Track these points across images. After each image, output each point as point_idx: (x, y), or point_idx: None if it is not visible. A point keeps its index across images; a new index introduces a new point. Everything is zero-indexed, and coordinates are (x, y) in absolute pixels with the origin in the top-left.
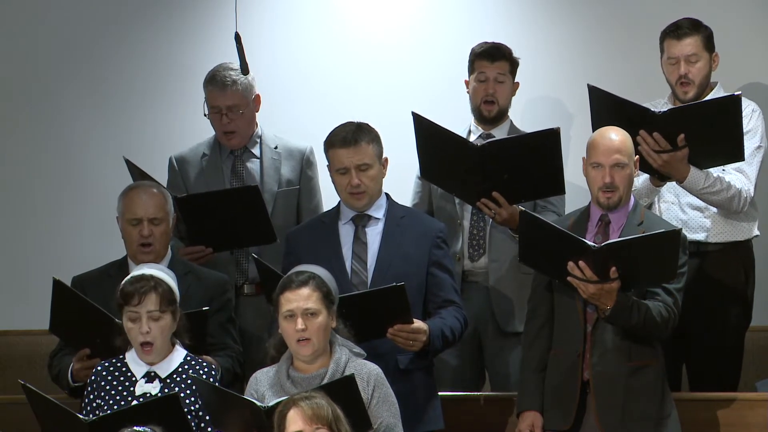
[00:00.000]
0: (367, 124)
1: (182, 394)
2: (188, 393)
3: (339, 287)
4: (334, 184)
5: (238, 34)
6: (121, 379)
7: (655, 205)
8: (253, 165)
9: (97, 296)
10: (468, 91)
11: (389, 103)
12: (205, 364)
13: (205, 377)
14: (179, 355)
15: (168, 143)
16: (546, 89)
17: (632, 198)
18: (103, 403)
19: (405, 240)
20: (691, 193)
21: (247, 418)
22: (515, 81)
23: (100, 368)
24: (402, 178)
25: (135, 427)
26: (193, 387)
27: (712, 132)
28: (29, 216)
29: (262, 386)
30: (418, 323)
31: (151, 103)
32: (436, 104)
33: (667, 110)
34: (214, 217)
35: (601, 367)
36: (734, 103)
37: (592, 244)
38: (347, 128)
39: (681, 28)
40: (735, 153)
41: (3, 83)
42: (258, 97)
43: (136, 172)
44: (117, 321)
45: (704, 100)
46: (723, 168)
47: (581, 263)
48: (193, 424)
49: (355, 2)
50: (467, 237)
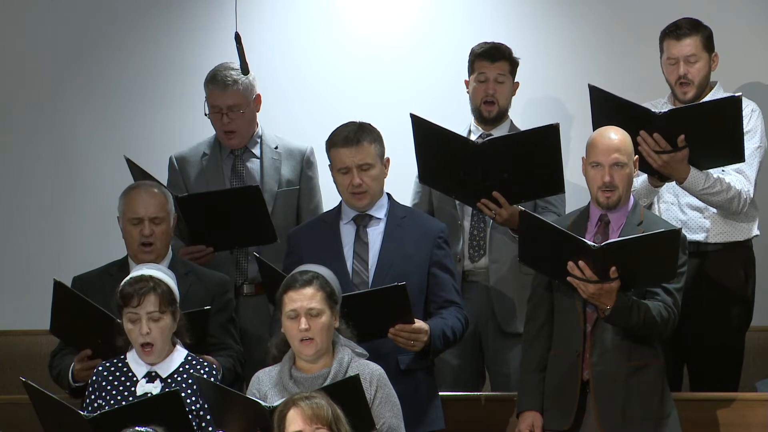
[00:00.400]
0: (369, 124)
1: (183, 394)
2: (189, 393)
3: (340, 287)
4: (335, 183)
5: (238, 34)
6: (122, 379)
7: (655, 205)
8: (254, 165)
9: (97, 296)
10: (468, 92)
11: (389, 103)
12: (206, 364)
13: (206, 377)
14: (180, 355)
15: (168, 143)
16: (546, 89)
17: (632, 198)
18: (104, 403)
19: (406, 240)
20: (690, 193)
21: (250, 417)
22: (515, 81)
23: (101, 368)
24: (402, 178)
25: (137, 428)
26: (195, 387)
27: (712, 133)
28: (29, 216)
29: (265, 386)
30: (419, 323)
31: (152, 103)
32: (436, 104)
33: (667, 111)
34: (215, 217)
35: (601, 367)
36: (735, 104)
37: (593, 244)
38: (349, 128)
39: (680, 29)
40: (735, 154)
41: (3, 83)
42: (259, 97)
43: (138, 172)
44: (118, 321)
45: (705, 101)
46: (722, 169)
47: (581, 263)
48: (194, 423)
49: (355, 2)
50: (467, 237)
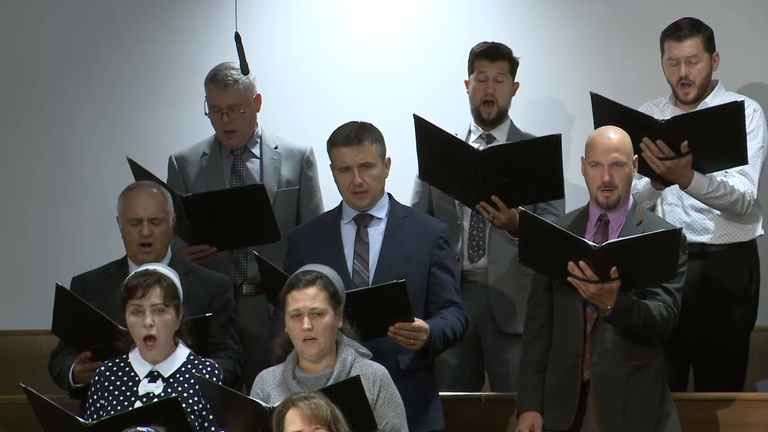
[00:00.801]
0: (371, 124)
1: (185, 394)
2: (191, 393)
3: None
4: (336, 183)
5: (238, 34)
6: (125, 378)
7: (658, 207)
8: (253, 165)
9: (97, 296)
10: (468, 91)
11: (389, 103)
12: (208, 364)
13: (208, 377)
14: (182, 354)
15: (168, 143)
16: (546, 89)
17: (631, 198)
18: (106, 404)
19: (407, 240)
20: (694, 198)
21: (252, 418)
22: (515, 81)
23: (103, 368)
24: (402, 178)
25: (139, 428)
26: (197, 387)
27: (715, 138)
28: (29, 216)
29: (268, 386)
30: (418, 322)
31: (151, 103)
32: (436, 104)
33: (670, 118)
34: (219, 216)
35: (601, 367)
36: (737, 108)
37: (593, 244)
38: (350, 127)
39: (681, 30)
40: (738, 157)
41: (3, 83)
42: (259, 96)
43: (140, 172)
44: (119, 327)
45: (707, 108)
46: (725, 171)
47: (581, 263)
48: (196, 424)
49: (355, 2)
50: (467, 237)
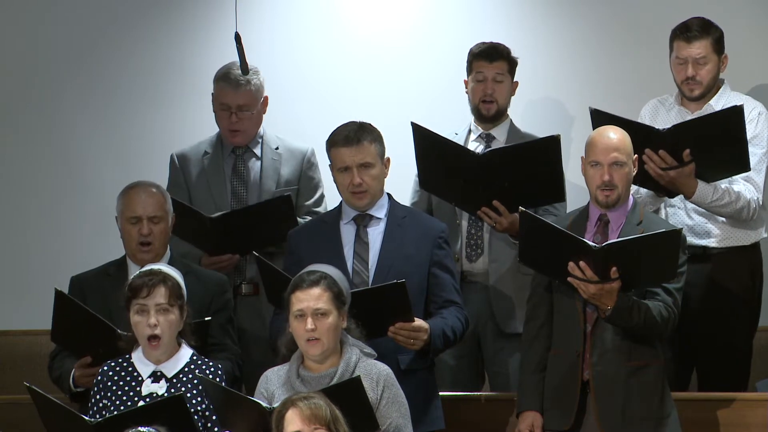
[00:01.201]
0: (370, 124)
1: (188, 395)
2: (194, 393)
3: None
4: (335, 183)
5: (238, 34)
6: (128, 378)
7: (662, 210)
8: (254, 165)
9: (95, 296)
10: (467, 91)
11: (389, 103)
12: (211, 364)
13: (210, 378)
14: (186, 354)
15: (168, 143)
16: (546, 89)
17: (631, 197)
18: (109, 404)
19: (406, 240)
20: (700, 207)
21: (254, 418)
22: (514, 80)
23: (106, 368)
24: (402, 178)
25: (139, 428)
26: (200, 387)
27: (716, 145)
28: (29, 216)
29: (273, 385)
30: (418, 321)
31: (151, 103)
32: (436, 104)
33: (671, 127)
34: (246, 228)
35: (601, 367)
36: (737, 113)
37: (593, 245)
38: (350, 127)
39: (691, 30)
40: (741, 164)
41: (3, 83)
42: (266, 99)
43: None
44: (119, 331)
45: (707, 114)
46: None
47: (582, 263)
48: (200, 424)
49: (355, 2)
50: (465, 237)
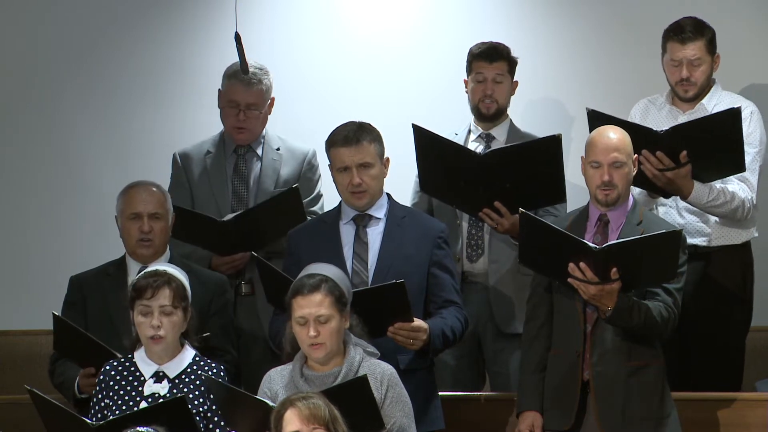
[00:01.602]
0: (369, 124)
1: (191, 395)
2: (197, 394)
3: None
4: (335, 183)
5: (238, 34)
6: (130, 378)
7: (654, 210)
8: (255, 164)
9: (95, 295)
10: (467, 91)
11: (389, 103)
12: (213, 365)
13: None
14: (188, 355)
15: (168, 143)
16: (546, 89)
17: (631, 197)
18: (111, 403)
19: (406, 240)
20: (695, 207)
21: (259, 417)
22: (514, 80)
23: (108, 368)
24: (402, 178)
25: (138, 428)
26: (202, 388)
27: (713, 146)
28: (29, 216)
29: (276, 385)
30: (418, 322)
31: (151, 103)
32: (436, 104)
33: (669, 129)
34: (258, 225)
35: (601, 367)
36: (734, 116)
37: (593, 246)
38: (349, 127)
39: (684, 32)
40: (736, 164)
41: (3, 83)
42: (273, 100)
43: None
44: (117, 354)
45: (705, 116)
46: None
47: (582, 264)
48: (201, 425)
49: (355, 2)
50: (465, 238)
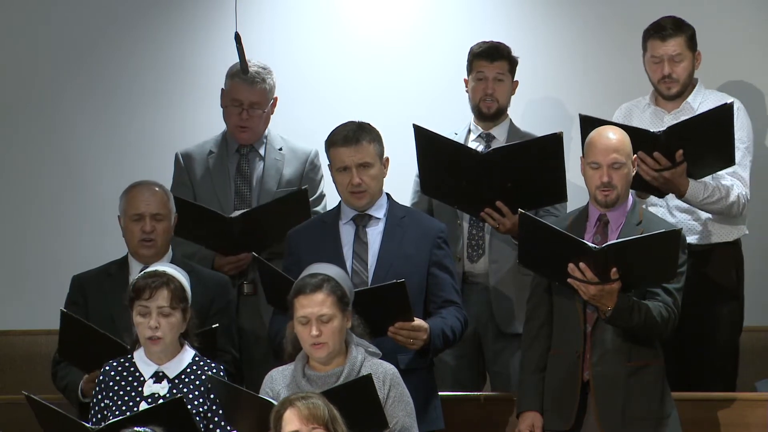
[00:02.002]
0: (369, 124)
1: (190, 395)
2: (196, 394)
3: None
4: (334, 183)
5: (238, 34)
6: (129, 379)
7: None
8: (258, 164)
9: (96, 295)
10: (467, 90)
11: (389, 103)
12: (213, 365)
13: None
14: (188, 355)
15: (168, 143)
16: (546, 89)
17: (630, 197)
18: (111, 403)
19: (406, 240)
20: (691, 205)
21: (261, 416)
22: (514, 79)
23: (108, 368)
24: (402, 178)
25: (136, 428)
26: (202, 388)
27: (706, 142)
28: (29, 216)
29: (278, 385)
30: (418, 321)
31: (151, 103)
32: (436, 104)
33: (665, 129)
34: (263, 225)
35: (601, 368)
36: (727, 111)
37: (593, 246)
38: (348, 127)
39: (665, 29)
40: (727, 159)
41: (3, 83)
42: (276, 100)
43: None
44: (127, 346)
45: (700, 114)
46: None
47: (582, 264)
48: (201, 425)
49: (355, 2)
50: (466, 238)
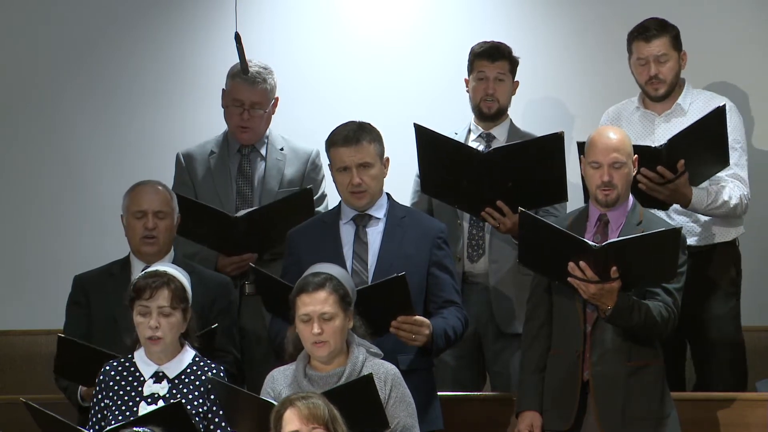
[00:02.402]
0: (369, 124)
1: (190, 396)
2: (196, 394)
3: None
4: (335, 183)
5: (238, 34)
6: (129, 379)
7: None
8: (259, 165)
9: (98, 295)
10: (468, 90)
11: (389, 103)
12: (213, 365)
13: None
14: (188, 355)
15: (168, 143)
16: (546, 89)
17: (631, 197)
18: (110, 403)
19: (406, 240)
20: (696, 212)
21: (262, 417)
22: (515, 80)
23: (108, 368)
24: (402, 178)
25: (135, 428)
26: (202, 388)
27: (703, 148)
28: (29, 216)
29: (279, 385)
30: (420, 317)
31: (151, 103)
32: (436, 104)
33: (666, 142)
34: (267, 225)
35: (601, 367)
36: (720, 114)
37: (594, 244)
38: (349, 127)
39: (649, 30)
40: (721, 161)
41: (3, 83)
42: (277, 100)
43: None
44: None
45: (696, 121)
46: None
47: (582, 263)
48: (201, 426)
49: (355, 2)
50: (466, 237)
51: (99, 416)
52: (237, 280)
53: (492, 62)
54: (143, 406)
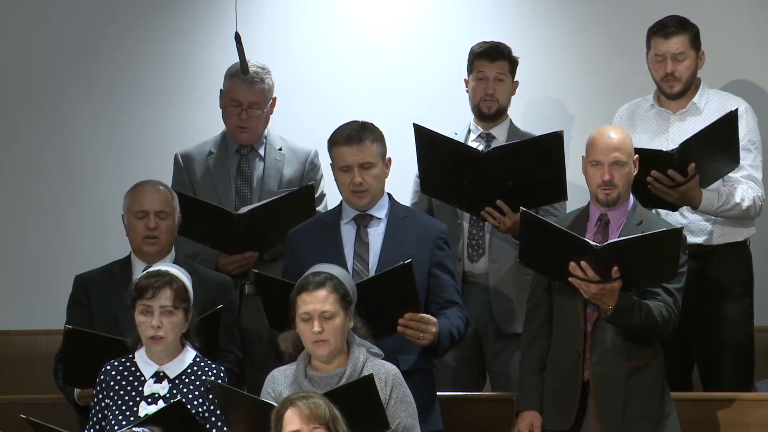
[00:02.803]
0: (372, 124)
1: (190, 396)
2: (197, 394)
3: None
4: (336, 182)
5: (238, 34)
6: (130, 378)
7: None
8: (258, 165)
9: (99, 295)
10: (467, 90)
11: (389, 103)
12: (213, 366)
13: (213, 380)
14: (189, 356)
15: (168, 143)
16: (546, 89)
17: (631, 197)
18: (111, 403)
19: (407, 240)
20: (707, 214)
21: (262, 419)
22: (515, 80)
23: (109, 367)
24: (403, 178)
25: (134, 428)
26: (202, 388)
27: (715, 151)
28: (29, 215)
29: (280, 385)
30: (428, 315)
31: (151, 103)
32: (436, 104)
33: (678, 147)
34: (269, 222)
35: (601, 367)
36: (733, 118)
37: (595, 244)
38: (351, 126)
39: (668, 27)
40: (732, 162)
41: (3, 83)
42: (275, 99)
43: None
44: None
45: (709, 126)
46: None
47: (583, 263)
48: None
49: (355, 2)
50: (466, 237)
51: (99, 416)
52: (237, 281)
53: (492, 62)
54: (143, 406)
